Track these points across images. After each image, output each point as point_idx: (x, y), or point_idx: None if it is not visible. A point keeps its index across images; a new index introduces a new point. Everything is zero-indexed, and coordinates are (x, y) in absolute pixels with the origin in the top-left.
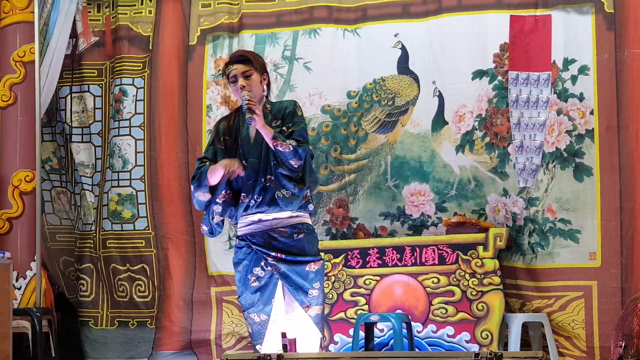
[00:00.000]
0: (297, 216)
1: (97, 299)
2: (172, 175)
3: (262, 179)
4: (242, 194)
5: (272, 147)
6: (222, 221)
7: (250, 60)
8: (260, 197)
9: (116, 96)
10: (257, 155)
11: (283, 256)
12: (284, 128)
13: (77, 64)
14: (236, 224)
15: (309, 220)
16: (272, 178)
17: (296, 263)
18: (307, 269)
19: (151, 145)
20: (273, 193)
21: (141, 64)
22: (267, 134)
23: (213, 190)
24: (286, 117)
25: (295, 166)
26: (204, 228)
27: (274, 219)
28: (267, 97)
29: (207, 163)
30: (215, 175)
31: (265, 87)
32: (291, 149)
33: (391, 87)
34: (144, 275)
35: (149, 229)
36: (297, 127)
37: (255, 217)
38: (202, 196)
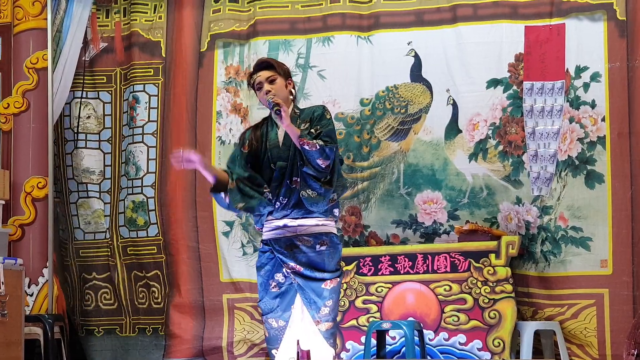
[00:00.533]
0: (322, 225)
1: (120, 307)
2: (178, 182)
3: (288, 181)
4: (267, 191)
5: (299, 146)
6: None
7: (274, 66)
8: (286, 200)
9: (130, 104)
10: (285, 159)
11: (301, 269)
12: (312, 130)
13: (87, 70)
14: (260, 227)
15: (334, 230)
16: (298, 180)
17: (312, 279)
18: (322, 286)
19: (163, 152)
20: (298, 195)
21: (152, 70)
22: (293, 133)
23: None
24: (314, 119)
25: (323, 166)
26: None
27: (299, 225)
28: (294, 101)
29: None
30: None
31: (291, 90)
32: (318, 147)
33: (404, 94)
34: (158, 281)
35: (159, 235)
36: (325, 129)
37: (281, 222)
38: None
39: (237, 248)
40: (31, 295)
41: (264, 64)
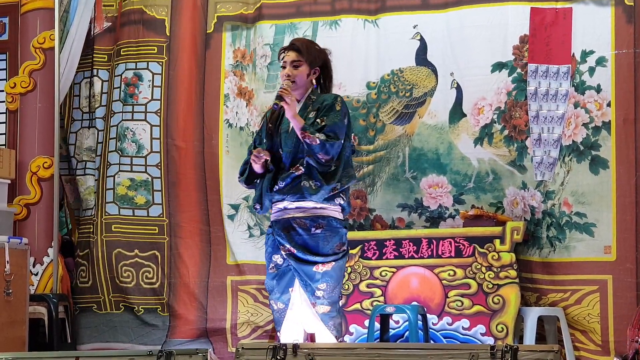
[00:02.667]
0: (321, 207)
1: (95, 284)
2: (188, 164)
3: (291, 168)
4: (276, 178)
5: (301, 138)
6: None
7: (302, 51)
8: (284, 183)
9: (130, 80)
10: (290, 145)
11: (295, 252)
12: (318, 120)
13: (90, 49)
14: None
15: (335, 214)
16: (300, 167)
17: (304, 262)
18: (314, 269)
19: (168, 132)
20: (300, 181)
21: (156, 48)
22: (296, 125)
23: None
24: (322, 109)
25: (323, 160)
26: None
27: (297, 207)
28: (315, 89)
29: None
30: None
31: (314, 81)
32: (318, 142)
33: (409, 78)
34: (154, 262)
35: (163, 217)
36: (331, 122)
37: (282, 205)
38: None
39: (243, 230)
40: (36, 274)
41: (295, 46)
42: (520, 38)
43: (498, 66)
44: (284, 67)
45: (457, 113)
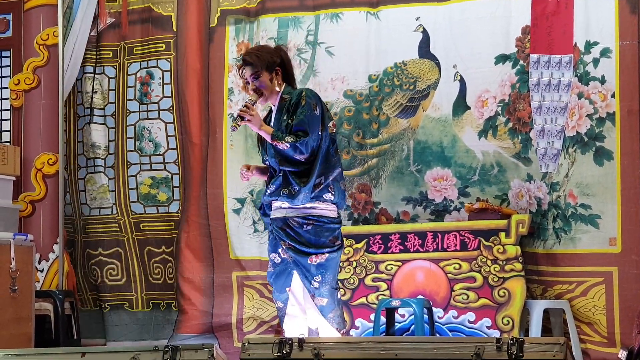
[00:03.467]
0: (311, 207)
1: (129, 282)
2: (194, 159)
3: (274, 172)
4: (270, 184)
5: (273, 148)
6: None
7: (253, 63)
8: (274, 187)
9: (143, 79)
10: (273, 151)
11: (293, 244)
12: (289, 121)
13: (95, 45)
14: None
15: (326, 212)
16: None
17: (300, 253)
18: (308, 261)
19: (183, 129)
20: (281, 187)
21: (164, 45)
22: (266, 136)
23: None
24: (291, 108)
25: (302, 160)
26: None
27: (289, 207)
28: (286, 87)
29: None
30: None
31: (279, 81)
32: (288, 147)
33: (412, 71)
34: (173, 257)
35: (178, 212)
36: (297, 120)
37: (278, 204)
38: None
39: (248, 225)
40: (41, 271)
41: (246, 61)
42: (522, 29)
43: (501, 58)
44: (247, 84)
45: (460, 106)
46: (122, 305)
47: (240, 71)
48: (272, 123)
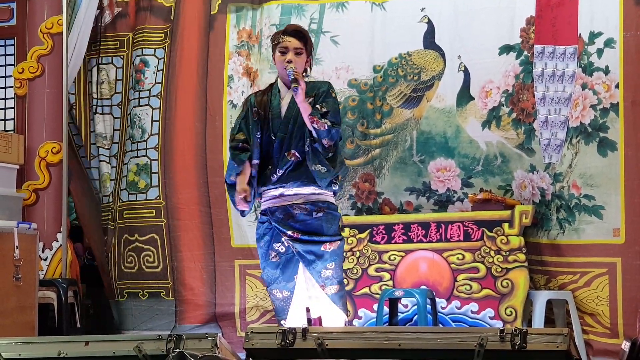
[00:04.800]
0: (319, 193)
1: (106, 271)
2: (187, 145)
3: (286, 153)
4: (269, 167)
5: (309, 124)
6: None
7: (306, 40)
8: (282, 171)
9: (137, 67)
10: (284, 131)
11: (299, 236)
12: (317, 106)
13: (102, 35)
14: (259, 196)
15: (331, 199)
16: (295, 153)
17: (311, 243)
18: (322, 249)
19: (166, 114)
20: (297, 168)
21: (162, 35)
22: (305, 109)
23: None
24: (319, 95)
25: (326, 146)
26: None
27: (295, 194)
28: (305, 77)
29: (240, 145)
30: (238, 182)
31: (307, 68)
32: (326, 127)
33: (417, 61)
34: (154, 245)
35: (159, 199)
36: (332, 108)
37: (277, 192)
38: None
39: (250, 213)
40: (45, 259)
41: (299, 33)
42: (527, 20)
43: (505, 49)
44: (283, 53)
45: (464, 96)
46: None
47: (280, 37)
48: (282, 101)
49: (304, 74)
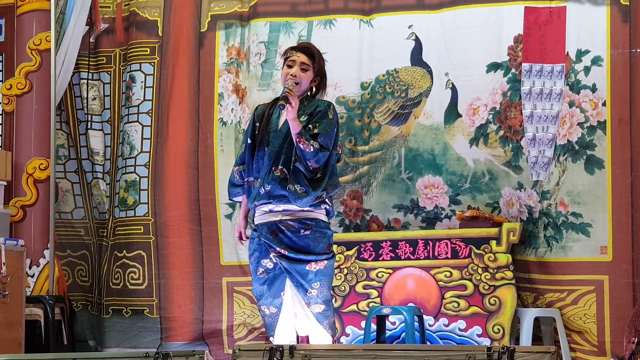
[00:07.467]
0: (308, 210)
1: (92, 286)
2: (178, 163)
3: (273, 168)
4: (259, 180)
5: (295, 142)
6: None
7: (315, 58)
8: (269, 186)
9: (127, 84)
10: (276, 145)
11: (286, 253)
12: (310, 125)
13: (90, 51)
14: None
15: (322, 216)
16: (283, 169)
17: (297, 261)
18: (307, 268)
19: (159, 132)
20: (283, 185)
21: (148, 49)
22: (294, 128)
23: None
24: (315, 114)
25: (311, 168)
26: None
27: (284, 210)
28: (310, 95)
29: (237, 180)
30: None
31: (313, 87)
32: (312, 149)
33: (404, 78)
34: (140, 262)
35: (148, 216)
36: (324, 131)
37: (267, 208)
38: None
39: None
40: (32, 276)
41: (307, 50)
42: (515, 38)
43: (493, 66)
44: (289, 67)
45: (452, 113)
46: (87, 306)
47: (291, 52)
48: (275, 117)
49: (309, 93)
